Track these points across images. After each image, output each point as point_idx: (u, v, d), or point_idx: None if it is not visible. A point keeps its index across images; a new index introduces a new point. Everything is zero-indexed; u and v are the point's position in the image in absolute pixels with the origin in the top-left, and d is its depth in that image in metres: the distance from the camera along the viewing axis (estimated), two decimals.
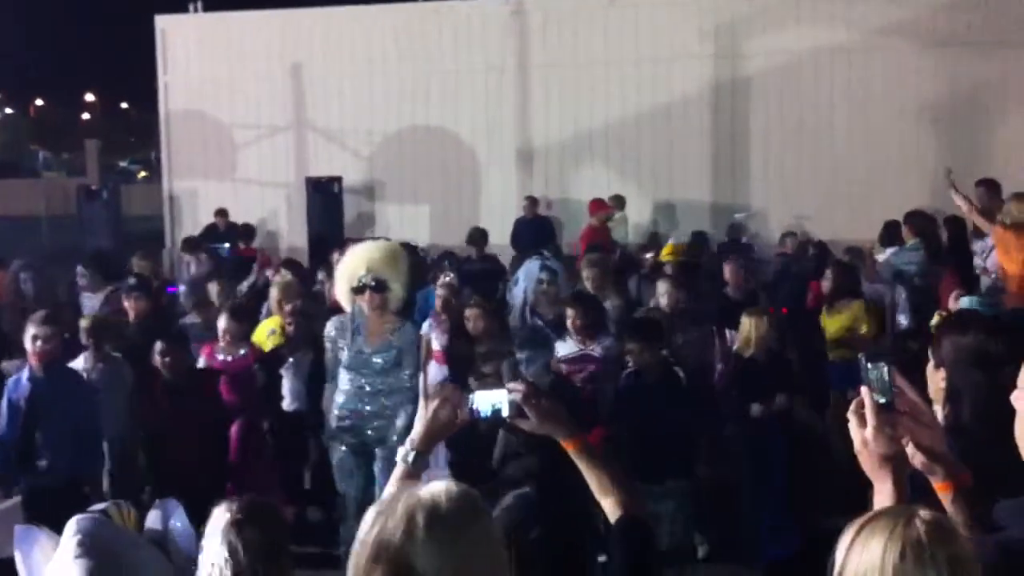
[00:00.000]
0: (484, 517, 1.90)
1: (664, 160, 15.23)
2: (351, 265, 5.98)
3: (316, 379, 6.88)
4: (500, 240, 14.52)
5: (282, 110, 16.90)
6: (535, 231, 14.61)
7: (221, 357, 7.12)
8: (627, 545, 2.45)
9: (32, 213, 26.57)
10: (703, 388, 6.90)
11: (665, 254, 10.44)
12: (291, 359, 7.31)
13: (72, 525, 2.15)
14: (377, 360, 5.99)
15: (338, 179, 15.88)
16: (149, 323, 8.04)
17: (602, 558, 3.54)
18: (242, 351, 7.15)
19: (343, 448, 6.12)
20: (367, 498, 5.86)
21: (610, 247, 11.65)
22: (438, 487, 1.87)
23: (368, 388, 6.02)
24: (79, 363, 6.89)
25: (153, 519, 2.34)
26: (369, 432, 6.04)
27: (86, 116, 67.72)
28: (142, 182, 34.58)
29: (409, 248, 7.91)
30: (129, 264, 11.08)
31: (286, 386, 7.40)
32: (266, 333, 7.63)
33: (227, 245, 13.91)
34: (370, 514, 1.88)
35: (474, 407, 2.47)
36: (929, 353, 3.15)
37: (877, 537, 1.78)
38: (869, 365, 2.22)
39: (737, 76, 15.15)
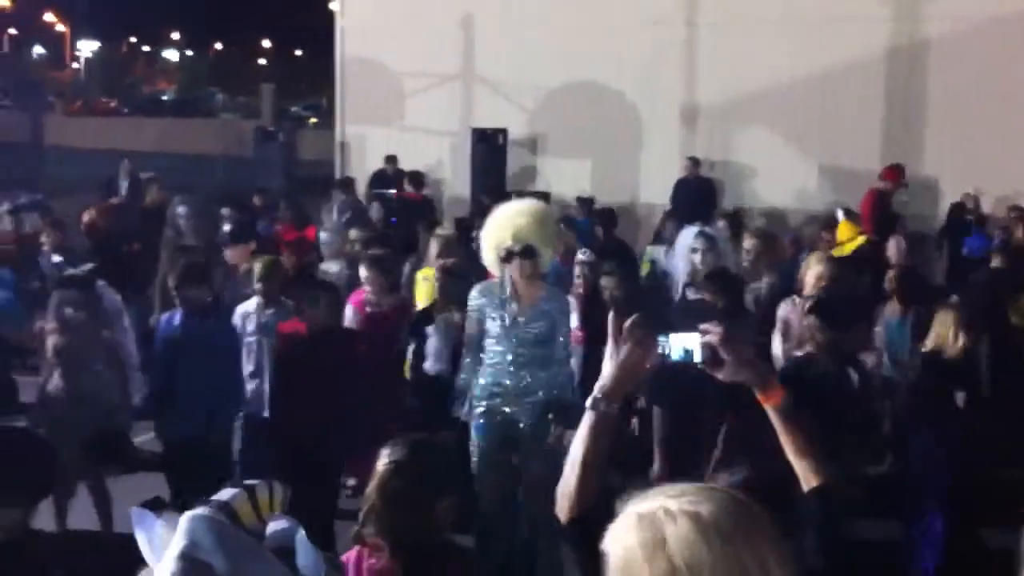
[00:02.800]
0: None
1: (832, 126, 14.84)
2: (497, 231, 5.56)
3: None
4: (660, 199, 14.51)
5: (452, 60, 17.13)
6: (696, 192, 14.53)
7: (370, 309, 6.96)
8: (824, 513, 2.32)
9: (207, 152, 27.72)
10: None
11: (845, 239, 9.63)
12: (438, 317, 6.88)
13: (184, 524, 1.92)
14: (531, 329, 5.54)
15: (503, 131, 16.05)
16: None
17: None
18: (390, 301, 6.96)
19: (485, 426, 5.62)
20: (506, 485, 5.58)
21: (891, 217, 10.92)
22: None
23: (522, 360, 5.56)
24: (249, 306, 6.80)
25: (302, 552, 2.04)
26: (517, 410, 5.58)
27: (262, 61, 69.96)
28: (312, 127, 35.58)
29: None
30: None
31: (431, 346, 6.91)
32: (420, 281, 7.59)
33: (392, 191, 14.28)
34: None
35: (666, 350, 2.35)
36: None
37: None
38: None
39: (915, 40, 14.63)
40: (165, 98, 56.99)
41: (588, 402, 2.35)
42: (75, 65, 68.96)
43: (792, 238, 10.55)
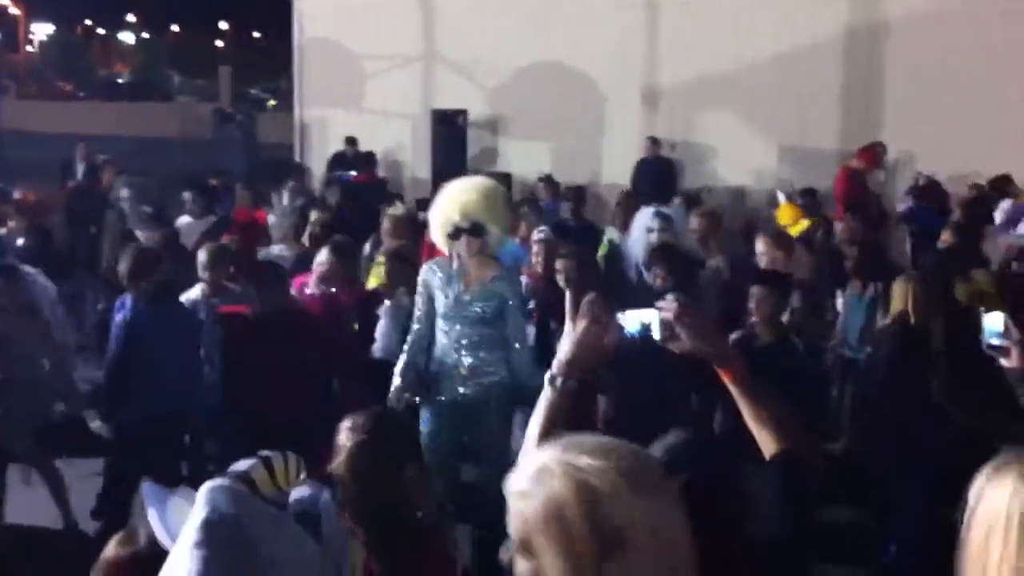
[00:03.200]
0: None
1: (792, 106, 14.89)
2: (445, 208, 5.44)
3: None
4: (622, 180, 14.53)
5: (411, 41, 17.03)
6: (657, 173, 14.57)
7: (316, 291, 6.85)
8: (785, 480, 2.34)
9: (165, 135, 27.47)
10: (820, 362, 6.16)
11: (784, 214, 9.89)
12: (387, 301, 6.83)
13: (204, 494, 1.92)
14: (477, 309, 5.44)
15: (463, 112, 16.01)
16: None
17: None
18: (334, 289, 6.82)
19: (431, 406, 5.53)
20: (453, 468, 5.50)
21: (866, 197, 10.86)
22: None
23: (466, 340, 5.46)
24: (195, 293, 6.70)
25: (302, 489, 2.11)
26: (465, 391, 5.48)
27: (219, 44, 69.25)
28: (271, 110, 35.29)
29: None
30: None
31: (380, 329, 6.84)
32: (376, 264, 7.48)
33: (353, 173, 14.22)
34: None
35: (623, 327, 2.37)
36: None
37: (1005, 482, 1.80)
38: (986, 315, 2.24)
39: (873, 20, 14.69)
40: (121, 81, 56.23)
41: (546, 378, 2.37)
42: (29, 48, 67.94)
43: (746, 220, 10.58)
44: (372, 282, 7.43)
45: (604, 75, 15.97)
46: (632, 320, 2.35)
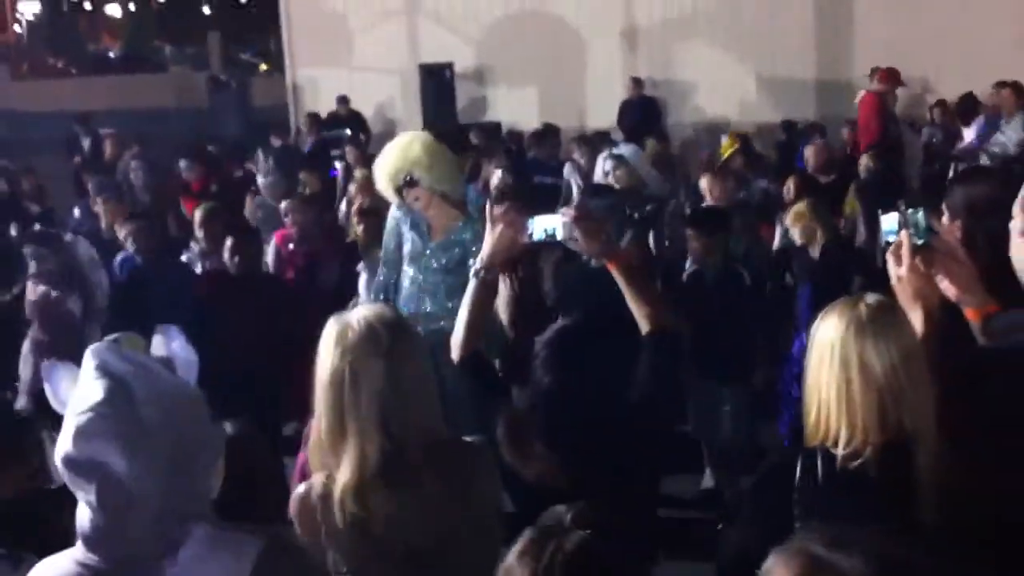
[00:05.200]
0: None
1: (767, 37, 15.20)
2: (391, 160, 5.41)
3: None
4: (607, 122, 14.92)
5: None
6: (641, 112, 14.96)
7: (292, 246, 7.07)
8: (658, 354, 2.92)
9: (160, 105, 27.68)
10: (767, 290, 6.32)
11: (726, 148, 10.14)
12: (362, 261, 6.79)
13: (89, 353, 2.04)
14: (439, 259, 5.40)
15: (449, 65, 16.33)
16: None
17: None
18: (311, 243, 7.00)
19: None
20: None
21: (893, 126, 10.74)
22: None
23: (428, 286, 5.42)
24: (190, 254, 6.92)
25: (157, 345, 2.17)
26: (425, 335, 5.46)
27: (206, 10, 68.90)
28: (263, 73, 35.48)
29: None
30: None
31: (362, 284, 6.80)
32: None
33: (348, 131, 14.62)
34: None
35: (531, 231, 2.96)
36: (944, 207, 3.59)
37: (834, 317, 2.37)
38: (909, 211, 2.54)
39: None
40: (113, 55, 56.16)
41: (471, 273, 3.05)
42: (17, 29, 67.74)
43: (706, 154, 10.95)
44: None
45: (584, 18, 16.30)
46: (540, 225, 2.95)
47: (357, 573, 2.58)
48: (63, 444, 1.95)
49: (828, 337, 2.37)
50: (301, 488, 2.63)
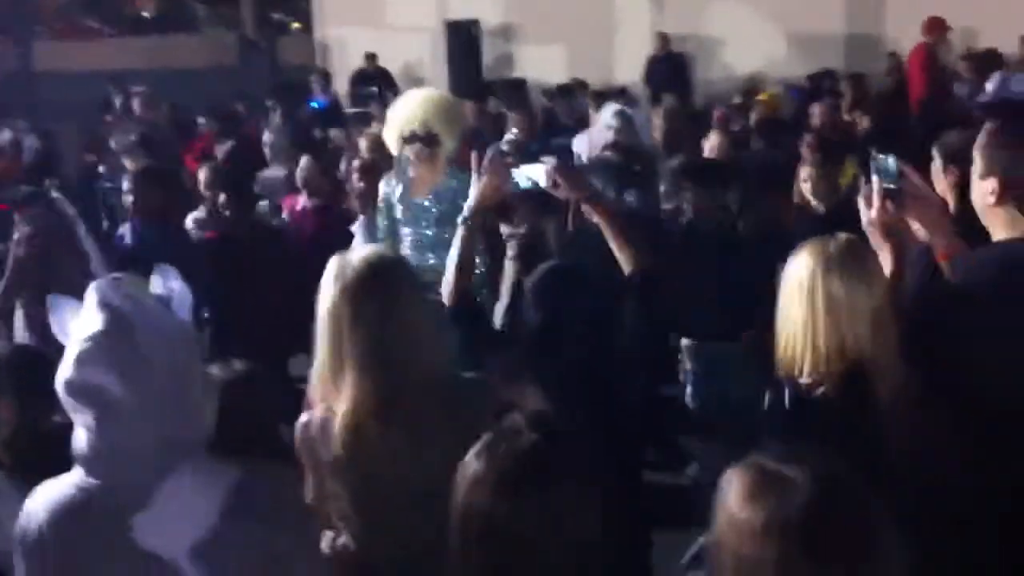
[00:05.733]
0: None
1: None
2: (403, 111, 5.50)
3: None
4: (634, 78, 14.89)
5: None
6: (668, 68, 14.91)
7: (303, 203, 7.00)
8: (640, 294, 3.08)
9: (192, 66, 27.81)
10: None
11: (762, 100, 10.25)
12: (361, 217, 6.67)
13: (91, 288, 2.15)
14: (432, 210, 5.44)
15: (475, 22, 16.31)
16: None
17: None
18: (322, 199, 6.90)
19: None
20: None
21: (944, 78, 10.68)
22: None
23: (424, 241, 5.46)
24: (200, 213, 6.80)
25: (156, 285, 2.23)
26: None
27: None
28: (294, 33, 35.53)
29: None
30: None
31: (356, 245, 6.70)
32: None
33: (375, 89, 14.68)
34: None
35: (515, 179, 3.16)
36: (935, 153, 3.66)
37: (804, 254, 2.47)
38: (880, 156, 2.67)
39: None
40: (147, 15, 56.32)
41: (459, 220, 3.25)
42: None
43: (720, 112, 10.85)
44: None
45: None
46: (524, 174, 3.14)
47: (354, 505, 2.67)
48: (64, 371, 2.07)
49: (797, 272, 2.49)
50: (303, 418, 2.73)
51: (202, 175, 6.97)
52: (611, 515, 1.82)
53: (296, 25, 40.41)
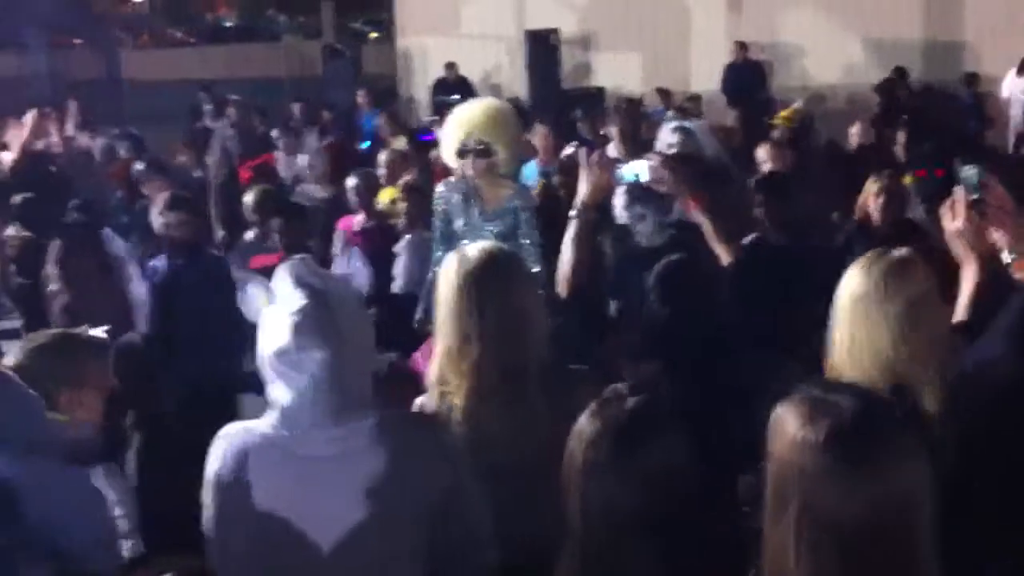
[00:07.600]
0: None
1: None
2: (453, 127, 5.41)
3: None
4: (711, 86, 15.01)
5: None
6: (745, 77, 15.00)
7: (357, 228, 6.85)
8: (741, 277, 3.41)
9: (274, 75, 28.37)
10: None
11: (782, 117, 9.97)
12: (408, 236, 6.61)
13: (283, 268, 2.42)
14: (492, 228, 5.33)
15: (554, 31, 16.58)
16: None
17: None
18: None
19: None
20: None
21: None
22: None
23: None
24: (248, 236, 6.57)
25: (340, 265, 2.65)
26: None
27: None
28: (374, 42, 36.01)
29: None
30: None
31: (399, 265, 6.59)
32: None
33: (457, 96, 14.96)
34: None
35: (620, 174, 3.47)
36: None
37: (856, 270, 2.61)
38: (964, 167, 2.71)
39: None
40: (228, 25, 57.50)
41: (572, 213, 3.45)
42: None
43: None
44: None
45: None
46: (629, 169, 3.48)
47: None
48: (275, 340, 2.38)
49: (849, 289, 2.58)
50: (418, 401, 2.94)
51: (249, 198, 6.66)
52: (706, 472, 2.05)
53: (374, 34, 41.06)
